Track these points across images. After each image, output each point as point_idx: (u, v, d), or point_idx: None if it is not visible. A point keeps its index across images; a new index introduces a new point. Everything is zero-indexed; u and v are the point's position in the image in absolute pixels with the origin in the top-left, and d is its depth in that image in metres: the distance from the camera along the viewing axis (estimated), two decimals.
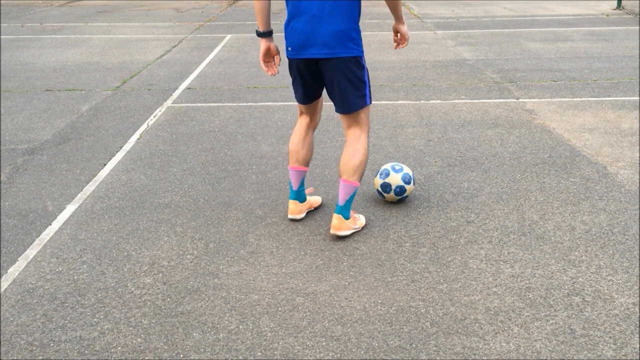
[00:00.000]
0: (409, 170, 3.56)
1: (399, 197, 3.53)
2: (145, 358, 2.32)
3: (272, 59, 3.18)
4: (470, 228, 3.29)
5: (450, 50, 8.34)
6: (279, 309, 2.60)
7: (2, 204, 3.69)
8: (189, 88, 6.46)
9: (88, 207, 3.63)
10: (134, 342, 2.41)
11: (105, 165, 4.28)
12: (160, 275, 2.88)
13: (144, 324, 2.52)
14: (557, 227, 3.29)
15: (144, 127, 5.14)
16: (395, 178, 3.49)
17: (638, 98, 5.75)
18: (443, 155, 4.36)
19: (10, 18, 12.15)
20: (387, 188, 3.50)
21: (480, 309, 2.57)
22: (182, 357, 2.32)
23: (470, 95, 5.98)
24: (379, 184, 3.53)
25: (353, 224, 3.22)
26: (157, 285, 2.80)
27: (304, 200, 3.42)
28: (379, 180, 3.53)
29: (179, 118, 5.38)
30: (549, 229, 3.26)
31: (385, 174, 3.51)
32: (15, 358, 2.33)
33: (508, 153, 4.38)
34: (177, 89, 6.40)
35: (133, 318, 2.56)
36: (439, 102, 5.75)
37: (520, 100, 5.76)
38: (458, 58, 7.81)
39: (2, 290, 2.78)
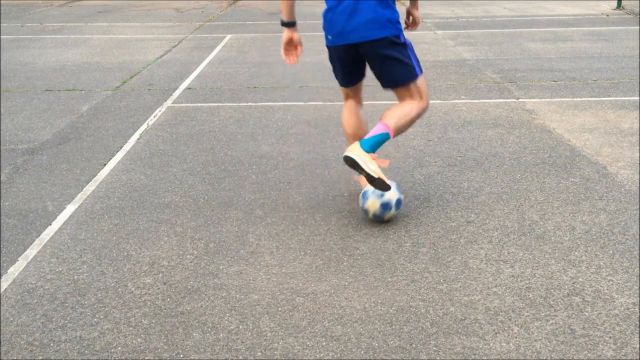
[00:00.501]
0: (393, 197, 3.29)
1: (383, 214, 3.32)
2: (145, 358, 2.32)
3: (293, 49, 3.30)
4: (470, 228, 3.29)
5: (450, 50, 8.34)
6: (279, 309, 2.60)
7: (2, 204, 3.69)
8: (189, 88, 6.46)
9: (88, 207, 3.63)
10: (134, 342, 2.41)
11: (105, 165, 4.28)
12: (160, 275, 2.88)
13: (144, 324, 2.52)
14: (557, 227, 3.29)
15: (144, 127, 5.15)
16: (374, 204, 3.27)
17: (638, 98, 5.75)
18: (443, 155, 4.36)
19: (10, 18, 12.15)
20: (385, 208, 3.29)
21: (480, 309, 2.57)
22: (182, 357, 2.32)
23: (470, 95, 5.98)
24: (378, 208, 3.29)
25: (368, 161, 3.02)
26: (157, 285, 2.80)
27: None
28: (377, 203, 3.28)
29: (179, 118, 5.38)
30: (549, 229, 3.26)
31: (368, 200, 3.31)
32: (15, 358, 2.33)
33: (508, 153, 4.38)
34: (177, 89, 6.41)
35: (133, 318, 2.56)
36: (439, 102, 5.75)
37: (520, 100, 5.76)
38: (458, 58, 7.81)
39: (2, 290, 2.78)
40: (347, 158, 3.07)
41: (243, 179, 4.02)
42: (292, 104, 5.75)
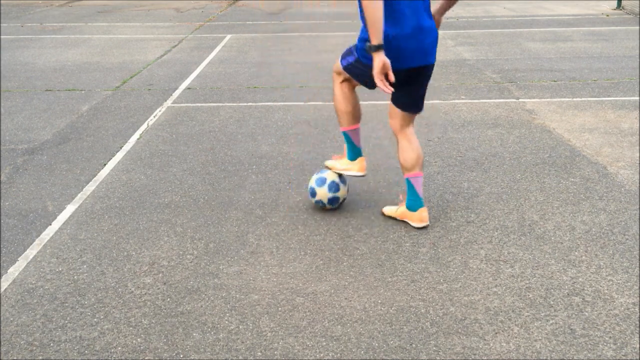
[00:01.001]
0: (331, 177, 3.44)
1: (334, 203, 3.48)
2: (145, 358, 2.32)
3: (386, 74, 2.90)
4: (470, 228, 3.29)
5: (450, 50, 8.34)
6: (279, 309, 2.60)
7: (2, 204, 3.69)
8: (189, 88, 6.46)
9: (88, 207, 3.63)
10: (134, 342, 2.41)
11: (105, 165, 4.28)
12: (160, 275, 2.88)
13: (144, 324, 2.52)
14: (557, 227, 3.29)
15: (144, 127, 5.15)
16: (323, 192, 3.43)
17: (638, 98, 5.75)
18: (443, 155, 4.36)
19: (10, 18, 12.15)
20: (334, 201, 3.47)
21: (480, 309, 2.57)
22: (182, 357, 2.32)
23: (470, 95, 5.98)
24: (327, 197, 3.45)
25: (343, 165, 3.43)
26: (157, 285, 2.80)
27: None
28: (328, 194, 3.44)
29: (179, 118, 5.38)
30: (549, 229, 3.26)
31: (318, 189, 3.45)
32: (15, 358, 2.33)
33: (508, 153, 4.38)
34: (177, 89, 6.40)
35: (133, 318, 2.56)
36: (439, 102, 5.75)
37: (520, 100, 5.76)
38: (458, 58, 7.81)
39: (2, 290, 2.78)
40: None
41: (243, 179, 4.02)
42: (292, 104, 5.75)
